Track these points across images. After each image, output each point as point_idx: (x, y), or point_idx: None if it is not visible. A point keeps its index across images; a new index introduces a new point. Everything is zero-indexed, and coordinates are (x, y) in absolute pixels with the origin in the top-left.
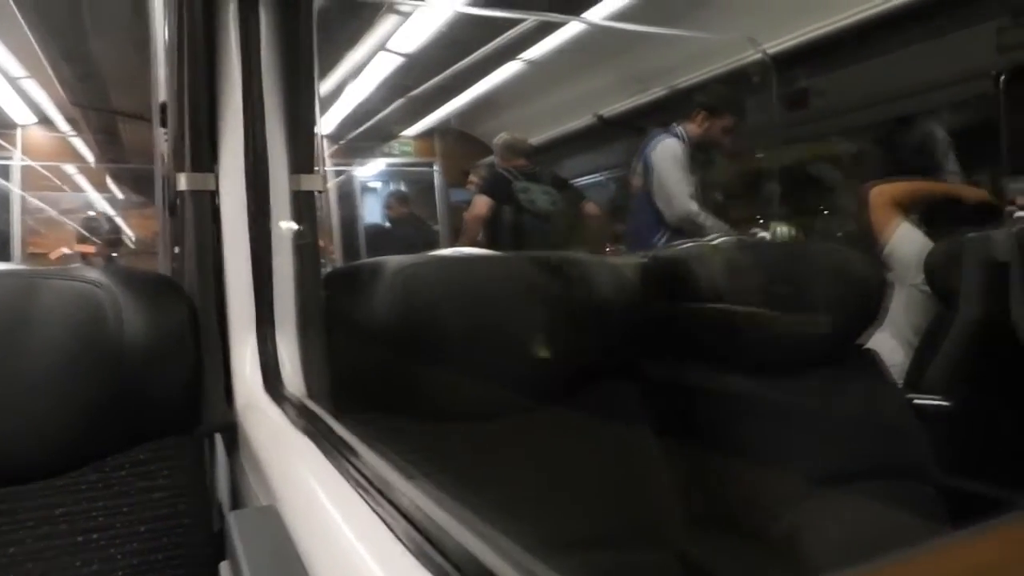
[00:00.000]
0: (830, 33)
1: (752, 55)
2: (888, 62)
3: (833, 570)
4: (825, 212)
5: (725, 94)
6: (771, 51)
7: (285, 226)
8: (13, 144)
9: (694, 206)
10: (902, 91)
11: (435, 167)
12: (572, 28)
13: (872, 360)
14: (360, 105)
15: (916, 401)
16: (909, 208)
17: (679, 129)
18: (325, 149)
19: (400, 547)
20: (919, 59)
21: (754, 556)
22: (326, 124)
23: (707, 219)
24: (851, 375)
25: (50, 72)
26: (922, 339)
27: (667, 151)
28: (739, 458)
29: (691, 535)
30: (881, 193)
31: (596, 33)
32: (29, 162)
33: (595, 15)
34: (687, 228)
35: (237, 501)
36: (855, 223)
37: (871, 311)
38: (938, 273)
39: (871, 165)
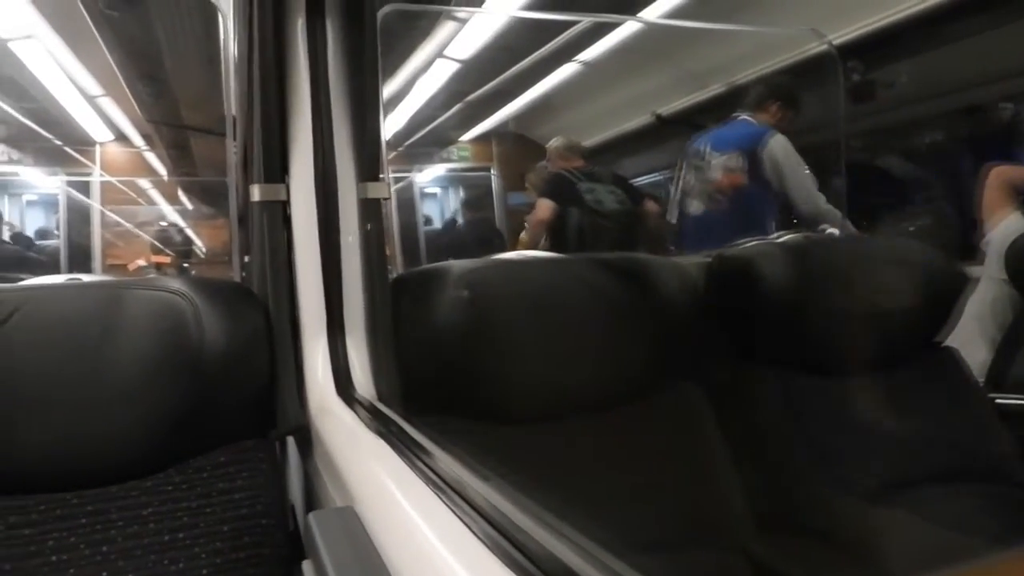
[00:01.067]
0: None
1: (817, 47)
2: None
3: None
4: (901, 205)
5: (796, 85)
6: (836, 42)
7: (353, 233)
8: (92, 160)
9: (823, 199)
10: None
11: (492, 171)
12: (628, 28)
13: (952, 358)
14: (418, 112)
15: (999, 400)
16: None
17: (746, 118)
18: (385, 157)
19: (480, 545)
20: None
21: (828, 560)
22: (386, 131)
23: (832, 210)
24: (930, 374)
25: (126, 90)
26: (1006, 335)
27: (784, 146)
28: (812, 459)
29: (762, 537)
30: (1001, 174)
31: (652, 32)
32: (107, 177)
33: (651, 14)
34: (819, 221)
35: (311, 502)
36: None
37: (948, 308)
38: (1020, 266)
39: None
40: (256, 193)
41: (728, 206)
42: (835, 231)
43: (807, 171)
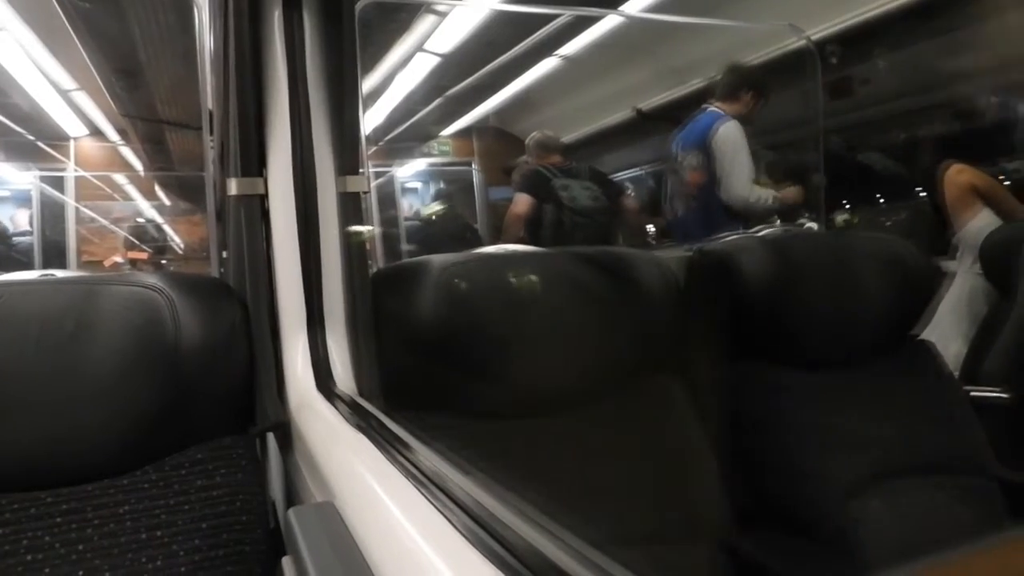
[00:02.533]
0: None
1: (795, 43)
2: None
3: (885, 568)
4: (879, 200)
5: (769, 75)
6: (815, 37)
7: (332, 227)
8: (66, 156)
9: (756, 192)
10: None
11: (474, 166)
12: (608, 22)
13: (927, 351)
14: (398, 106)
15: (973, 393)
16: (988, 200)
17: (719, 110)
18: (365, 151)
19: (460, 538)
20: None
21: (808, 552)
22: (366, 126)
23: (767, 202)
24: (905, 367)
25: (100, 84)
26: (980, 329)
27: (730, 133)
28: (790, 453)
29: (741, 531)
30: (962, 172)
31: (632, 26)
32: (81, 172)
33: (631, 7)
34: (748, 214)
35: (292, 498)
36: (930, 200)
37: (924, 302)
38: (996, 260)
39: (927, 152)
40: (233, 187)
41: (697, 205)
42: (814, 225)
43: (745, 161)
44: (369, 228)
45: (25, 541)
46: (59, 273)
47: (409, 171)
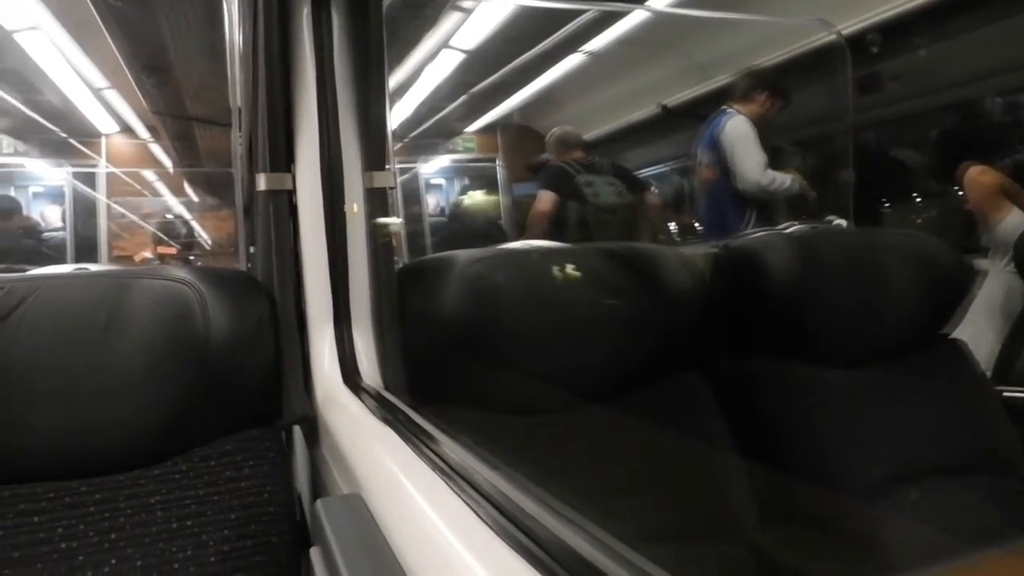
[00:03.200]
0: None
1: (824, 38)
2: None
3: (912, 568)
4: (910, 197)
5: (789, 74)
6: (846, 32)
7: (359, 223)
8: (98, 152)
9: (771, 175)
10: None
11: (498, 162)
12: (634, 17)
13: (959, 350)
14: (424, 103)
15: (1006, 393)
16: (1015, 199)
17: (733, 110)
18: (391, 147)
19: (487, 530)
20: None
21: (831, 552)
22: (392, 122)
23: (783, 184)
24: (936, 366)
25: (131, 82)
26: (1013, 328)
27: (738, 127)
28: (816, 450)
29: (766, 529)
30: (984, 173)
31: (658, 21)
32: (112, 169)
33: (658, 2)
34: (765, 198)
35: (318, 490)
36: (963, 202)
37: (955, 299)
38: None
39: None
40: (262, 182)
41: (711, 202)
42: (842, 222)
43: (754, 148)
44: (396, 221)
45: (60, 529)
46: (91, 267)
47: (434, 167)
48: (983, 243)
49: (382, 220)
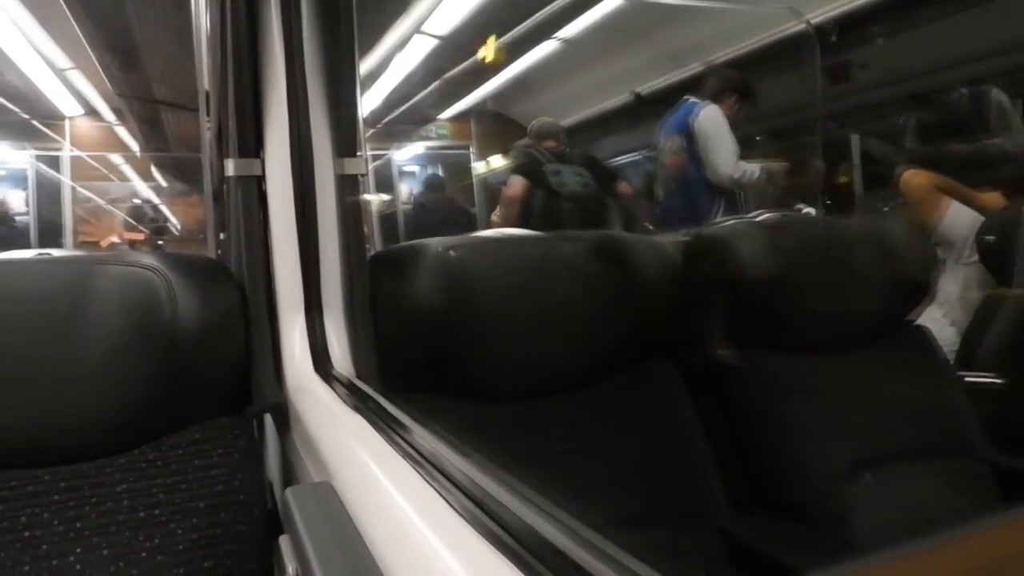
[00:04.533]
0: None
1: (794, 26)
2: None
3: (878, 551)
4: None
5: (757, 75)
6: (815, 21)
7: (330, 209)
8: (62, 135)
9: (742, 167)
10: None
11: (471, 149)
12: (607, 5)
13: (923, 337)
14: (396, 89)
15: (968, 378)
16: (950, 193)
17: (695, 100)
18: (363, 134)
19: (457, 518)
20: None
21: (802, 537)
22: (363, 108)
23: (753, 175)
24: (901, 352)
25: (95, 63)
26: (974, 316)
27: (712, 116)
28: (784, 436)
29: (735, 515)
30: (916, 175)
31: (631, 9)
32: (77, 152)
33: None
34: (737, 188)
35: (289, 479)
36: (903, 207)
37: (921, 287)
38: (991, 246)
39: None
40: (231, 168)
41: (677, 188)
42: (811, 211)
43: (728, 140)
44: (373, 198)
45: (23, 518)
46: (55, 252)
47: (407, 154)
48: (934, 242)
49: (353, 207)
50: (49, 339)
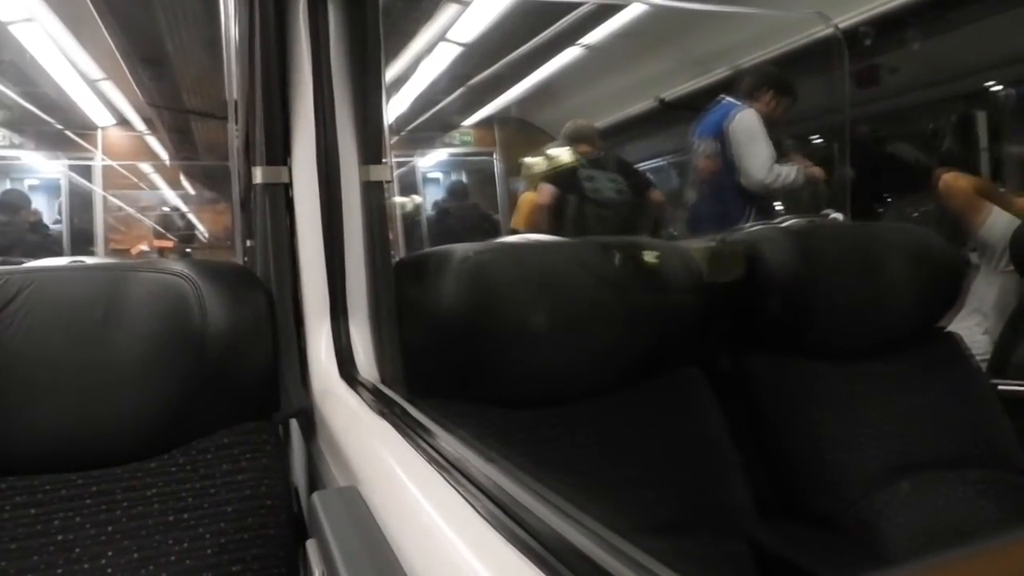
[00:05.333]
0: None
1: (822, 31)
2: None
3: (908, 561)
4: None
5: (793, 71)
6: (843, 25)
7: (356, 216)
8: (94, 145)
9: (776, 170)
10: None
11: (495, 156)
12: (632, 11)
13: (955, 344)
14: (420, 96)
15: (1001, 386)
16: (992, 198)
17: (731, 100)
18: (388, 140)
19: (483, 523)
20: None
21: (830, 545)
22: (388, 115)
23: (788, 179)
24: (933, 359)
25: (127, 74)
26: (1008, 323)
27: (748, 120)
28: (813, 444)
29: (763, 522)
30: (959, 178)
31: (656, 14)
32: (109, 162)
33: None
34: (769, 194)
35: (315, 483)
36: (942, 209)
37: (952, 293)
38: None
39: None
40: (258, 175)
41: (708, 193)
42: (839, 216)
43: (764, 145)
44: (398, 204)
45: (56, 522)
46: (88, 260)
47: (431, 161)
48: (972, 247)
49: (379, 213)
50: (82, 345)
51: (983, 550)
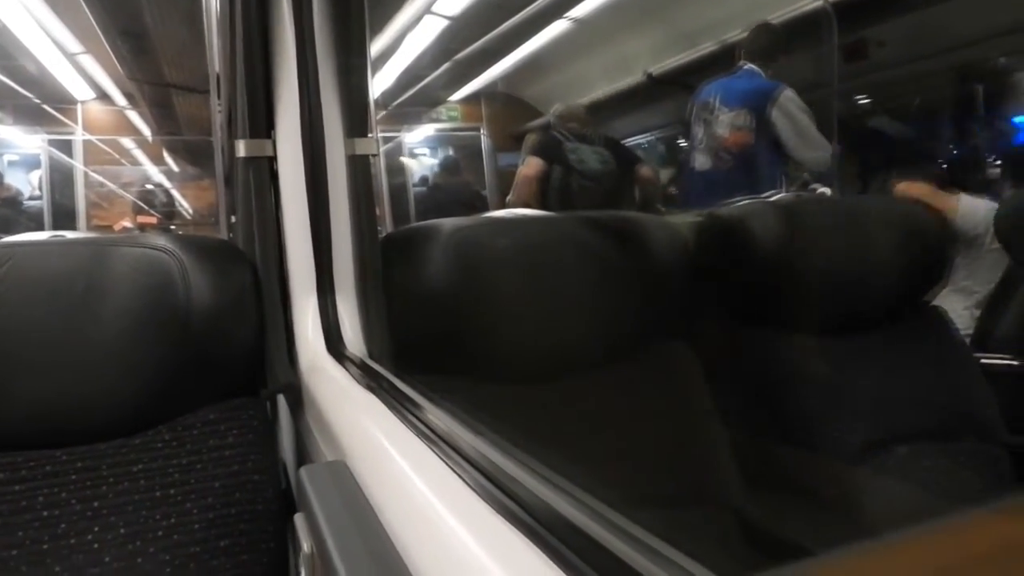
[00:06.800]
0: None
1: (810, 4)
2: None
3: (893, 532)
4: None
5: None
6: None
7: (342, 190)
8: (74, 119)
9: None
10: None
11: (482, 131)
12: None
13: (939, 317)
14: (407, 71)
15: (984, 360)
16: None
17: (754, 69)
18: (374, 115)
19: (472, 494)
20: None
21: (815, 517)
22: (374, 90)
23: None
24: (917, 332)
25: (106, 47)
26: (991, 298)
27: (798, 100)
28: (799, 417)
29: (750, 494)
30: (910, 187)
31: None
32: (89, 136)
33: None
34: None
35: (302, 458)
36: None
37: (937, 266)
38: (1012, 230)
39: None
40: (242, 148)
41: (734, 164)
42: (826, 190)
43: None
44: (384, 179)
45: (41, 498)
46: (69, 234)
47: (417, 137)
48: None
49: (365, 187)
50: (65, 320)
51: (965, 521)
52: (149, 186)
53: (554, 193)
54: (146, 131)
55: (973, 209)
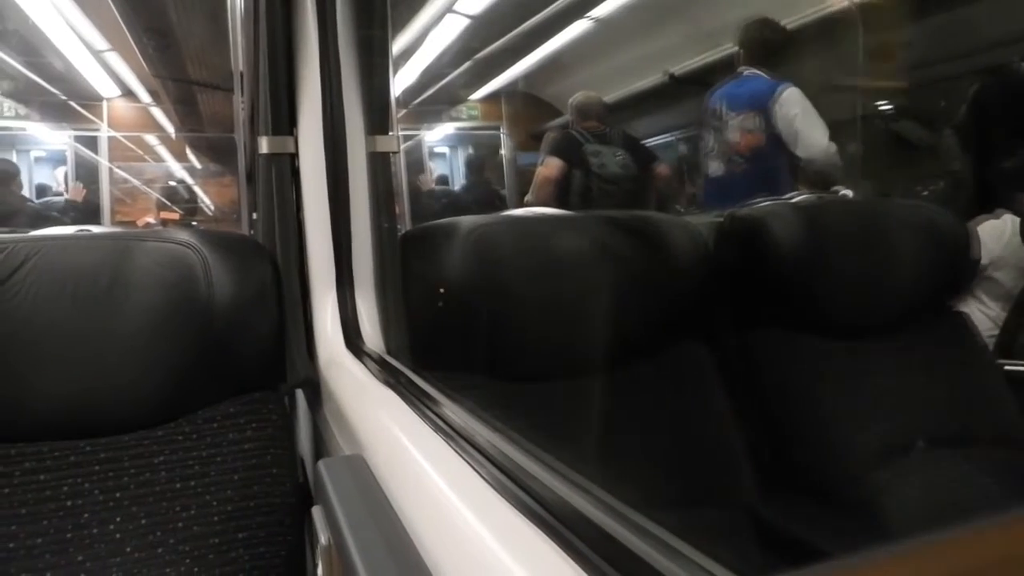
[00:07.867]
0: None
1: (836, 3)
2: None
3: (908, 535)
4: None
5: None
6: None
7: (362, 187)
8: (99, 116)
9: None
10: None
11: (502, 130)
12: None
13: (963, 322)
14: (427, 69)
15: (1008, 366)
16: None
17: (758, 72)
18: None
19: (488, 489)
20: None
21: (831, 521)
22: (395, 88)
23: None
24: (940, 337)
25: (132, 45)
26: (1016, 304)
27: (800, 97)
28: (818, 420)
29: (766, 497)
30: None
31: None
32: (114, 133)
33: None
34: (828, 168)
35: (320, 452)
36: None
37: (961, 272)
38: None
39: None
40: (264, 145)
41: (747, 167)
42: (848, 192)
43: (819, 119)
44: (404, 177)
45: (65, 487)
46: (94, 229)
47: (437, 135)
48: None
49: (385, 184)
50: (89, 314)
51: (983, 527)
52: (172, 182)
53: (573, 196)
54: (169, 128)
55: (992, 227)
